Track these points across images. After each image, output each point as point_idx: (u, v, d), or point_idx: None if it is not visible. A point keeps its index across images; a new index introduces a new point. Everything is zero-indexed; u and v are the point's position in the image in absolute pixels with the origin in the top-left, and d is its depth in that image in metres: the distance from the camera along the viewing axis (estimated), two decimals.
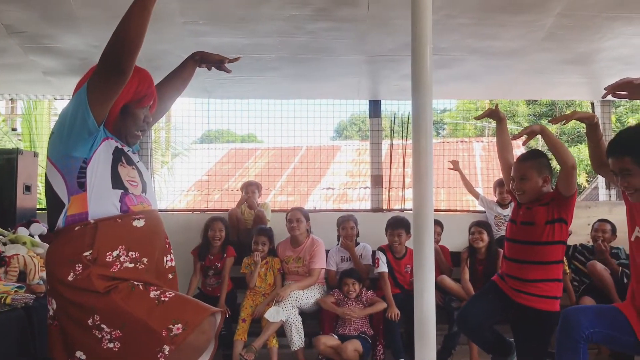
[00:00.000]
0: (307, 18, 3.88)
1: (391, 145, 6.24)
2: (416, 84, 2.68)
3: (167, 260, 2.01)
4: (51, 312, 1.85)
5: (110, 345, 1.77)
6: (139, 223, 1.90)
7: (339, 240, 4.79)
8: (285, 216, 4.71)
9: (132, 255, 1.86)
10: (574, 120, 2.64)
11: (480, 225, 4.55)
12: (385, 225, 4.68)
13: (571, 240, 4.63)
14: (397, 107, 6.93)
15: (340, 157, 11.93)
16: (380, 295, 4.38)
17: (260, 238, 4.50)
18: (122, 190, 1.90)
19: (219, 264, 4.55)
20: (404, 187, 6.30)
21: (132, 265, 1.85)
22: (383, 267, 4.47)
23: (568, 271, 4.58)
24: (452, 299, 4.42)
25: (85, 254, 1.79)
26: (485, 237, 4.47)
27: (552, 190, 2.88)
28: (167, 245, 2.04)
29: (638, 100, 2.29)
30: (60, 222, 1.86)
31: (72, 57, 4.49)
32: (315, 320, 4.40)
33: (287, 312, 4.18)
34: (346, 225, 4.65)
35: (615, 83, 2.15)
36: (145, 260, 1.88)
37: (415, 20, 2.67)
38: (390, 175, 5.92)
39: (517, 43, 4.30)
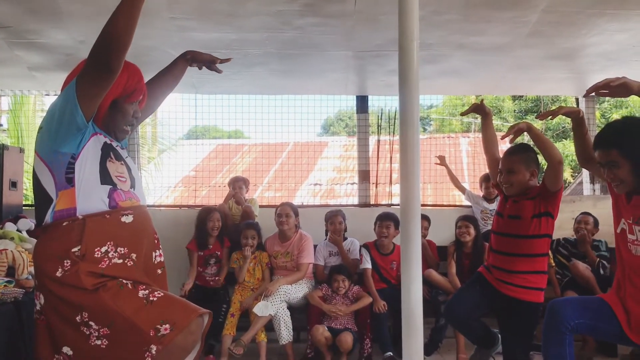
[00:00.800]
0: (294, 14, 3.89)
1: (378, 141, 6.27)
2: (403, 80, 2.68)
3: (155, 256, 2.02)
4: (38, 307, 1.83)
5: (98, 342, 1.77)
6: (127, 219, 1.90)
7: (327, 235, 4.82)
8: (275, 211, 4.73)
9: (120, 251, 1.85)
10: (559, 116, 2.68)
11: (467, 220, 4.60)
12: (372, 221, 4.72)
13: (555, 234, 4.69)
14: (384, 102, 6.96)
15: (327, 152, 11.95)
16: (366, 290, 4.42)
17: (249, 232, 4.52)
18: (111, 186, 1.89)
19: (219, 253, 4.62)
20: (391, 183, 6.34)
21: (121, 261, 1.84)
22: (367, 264, 4.52)
23: (553, 264, 4.64)
24: (439, 293, 4.47)
25: (73, 250, 1.78)
26: (472, 231, 4.53)
27: (538, 185, 2.92)
28: (156, 241, 2.04)
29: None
30: (48, 217, 1.84)
31: (57, 53, 4.45)
32: (304, 314, 4.43)
33: (275, 306, 4.20)
34: (334, 220, 4.68)
35: (595, 85, 2.21)
36: (134, 256, 1.88)
37: (402, 16, 2.68)
38: (377, 171, 5.95)
39: (503, 39, 4.34)
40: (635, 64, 4.83)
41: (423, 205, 4.72)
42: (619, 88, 2.15)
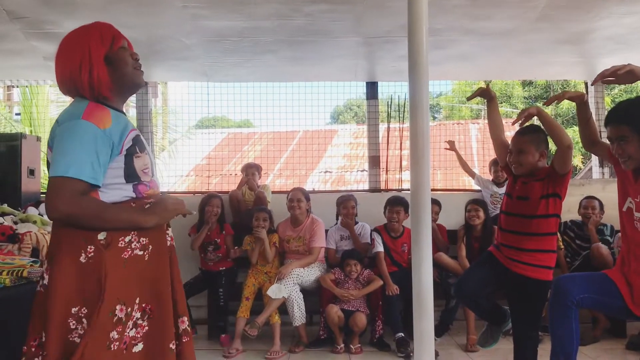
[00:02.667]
0: (304, 0, 3.93)
1: (388, 128, 6.31)
2: (412, 65, 2.73)
3: (168, 240, 1.96)
4: (46, 282, 1.75)
5: (77, 340, 1.68)
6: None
7: (337, 219, 4.89)
8: (287, 196, 4.81)
9: (142, 241, 1.81)
10: (568, 102, 2.71)
11: (477, 203, 4.66)
12: (382, 206, 4.78)
13: (563, 217, 4.74)
14: (393, 89, 7.00)
15: (337, 140, 12.01)
16: (377, 273, 4.50)
17: (261, 214, 4.60)
18: (136, 182, 1.83)
19: (218, 240, 4.68)
20: (400, 170, 6.39)
21: (141, 253, 1.80)
22: (379, 247, 4.60)
23: (562, 247, 4.70)
24: (449, 276, 4.54)
25: (100, 237, 1.73)
26: (482, 214, 4.59)
27: (547, 166, 2.97)
28: (168, 225, 1.98)
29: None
30: None
31: None
32: (316, 297, 4.51)
33: (288, 289, 4.29)
34: (347, 205, 4.76)
35: (602, 73, 2.26)
36: (150, 247, 1.83)
37: (411, 1, 2.72)
38: (387, 157, 6.00)
39: (511, 23, 4.36)
40: None
41: (433, 190, 4.78)
42: (625, 75, 2.20)
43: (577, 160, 13.71)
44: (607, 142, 2.53)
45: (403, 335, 4.18)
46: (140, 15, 4.12)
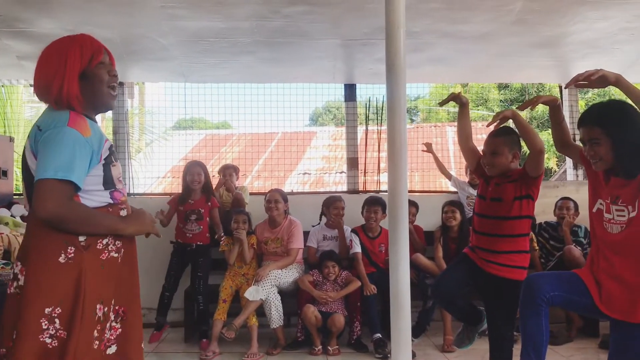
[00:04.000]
0: (282, 2, 3.93)
1: (366, 130, 6.33)
2: (390, 67, 2.75)
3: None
4: (21, 282, 1.76)
5: (48, 340, 1.71)
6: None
7: (321, 219, 4.90)
8: (264, 197, 4.79)
9: (117, 244, 1.88)
10: (543, 106, 2.76)
11: (453, 205, 4.70)
12: (360, 207, 4.80)
13: (538, 219, 4.83)
14: (371, 91, 7.02)
15: (316, 142, 12.02)
16: (355, 274, 4.52)
17: (241, 217, 4.57)
18: (112, 189, 1.90)
19: (203, 210, 4.64)
20: (379, 172, 6.41)
21: (116, 255, 1.87)
22: (357, 248, 4.61)
23: (537, 248, 4.76)
24: (426, 276, 4.57)
25: (80, 239, 1.78)
26: (458, 215, 4.64)
27: (520, 168, 3.01)
28: None
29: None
30: None
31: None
32: (294, 299, 4.51)
33: (266, 291, 4.28)
34: (337, 205, 4.77)
35: (575, 78, 2.31)
36: (123, 251, 1.90)
37: (388, 4, 2.74)
38: (365, 159, 6.02)
39: (488, 27, 4.42)
40: (616, 51, 4.94)
41: (410, 191, 4.81)
42: (597, 80, 2.25)
43: (552, 162, 13.93)
44: (580, 144, 2.58)
45: (381, 336, 4.20)
46: (116, 15, 4.07)
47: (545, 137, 12.53)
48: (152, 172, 7.35)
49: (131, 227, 1.89)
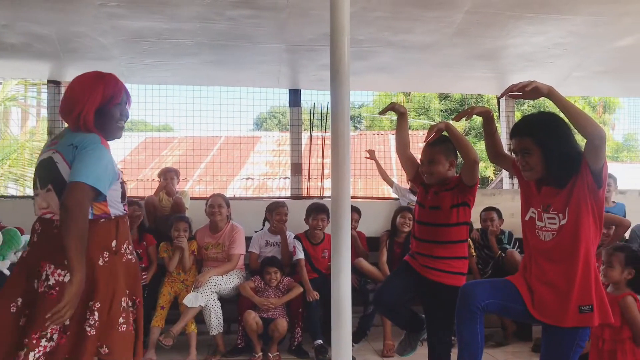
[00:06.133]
0: (227, 4, 3.90)
1: (310, 136, 6.34)
2: (334, 74, 2.75)
3: None
4: (51, 282, 2.06)
5: (88, 329, 2.07)
6: (127, 222, 2.33)
7: (264, 224, 4.86)
8: (206, 202, 4.71)
9: (130, 248, 2.30)
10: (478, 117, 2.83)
11: (409, 211, 4.76)
12: (304, 213, 4.79)
13: (475, 226, 4.96)
14: (316, 97, 7.05)
15: (260, 147, 11.94)
16: (297, 280, 4.50)
17: (181, 224, 4.48)
18: (124, 202, 2.30)
19: (140, 250, 4.48)
20: (322, 178, 6.44)
21: (130, 257, 2.29)
22: (300, 255, 4.60)
23: (474, 254, 4.89)
24: (368, 282, 4.61)
25: (112, 244, 2.19)
26: (411, 222, 4.70)
27: (456, 175, 3.09)
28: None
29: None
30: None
31: None
32: (234, 305, 4.44)
33: (205, 297, 4.20)
34: (281, 211, 4.73)
35: (510, 88, 2.38)
36: (134, 253, 2.34)
37: (333, 11, 2.74)
38: (309, 165, 6.03)
39: (430, 38, 4.52)
40: (551, 65, 5.15)
41: (353, 197, 4.85)
42: (531, 91, 2.33)
43: (489, 171, 14.35)
44: (512, 154, 2.66)
45: (322, 342, 4.19)
46: (53, 11, 3.92)
47: (483, 147, 12.90)
48: None
49: (78, 276, 2.01)
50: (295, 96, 5.94)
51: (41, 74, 5.62)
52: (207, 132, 7.68)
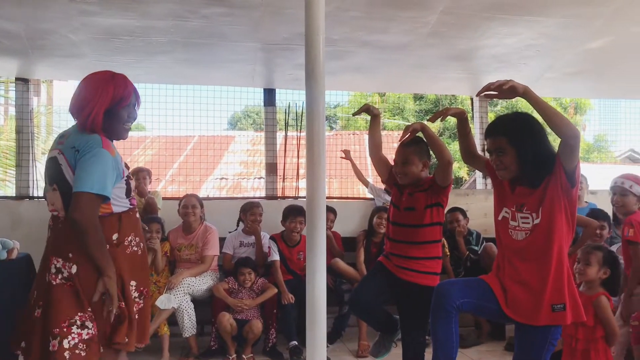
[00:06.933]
0: (200, 2, 3.84)
1: (285, 136, 6.32)
2: (309, 74, 2.72)
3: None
4: (66, 275, 2.19)
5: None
6: (136, 214, 2.41)
7: (238, 225, 4.81)
8: (179, 203, 4.65)
9: (137, 240, 2.35)
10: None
11: (386, 211, 4.75)
12: (279, 213, 4.76)
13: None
14: (291, 97, 7.02)
15: (234, 147, 11.85)
16: (272, 281, 4.47)
17: (154, 226, 4.40)
18: (131, 197, 2.36)
19: None
20: (298, 178, 6.41)
21: (136, 249, 2.35)
22: (275, 256, 4.57)
23: (448, 253, 4.91)
24: (343, 282, 4.60)
25: (113, 237, 2.25)
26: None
27: (430, 176, 3.10)
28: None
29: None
30: None
31: None
32: (208, 307, 4.39)
33: (178, 299, 4.15)
34: (255, 212, 4.69)
35: (486, 86, 2.38)
36: (142, 245, 2.39)
37: (308, 10, 2.72)
38: (284, 165, 6.00)
39: (405, 38, 4.52)
40: (523, 66, 5.21)
41: (329, 197, 4.83)
42: (507, 90, 2.33)
43: (462, 171, 14.50)
44: (485, 155, 2.67)
45: (297, 343, 4.17)
46: (21, 6, 3.82)
47: (457, 147, 13.03)
48: None
49: (109, 272, 2.17)
50: (270, 95, 5.90)
51: (9, 71, 5.49)
52: (180, 132, 7.60)
